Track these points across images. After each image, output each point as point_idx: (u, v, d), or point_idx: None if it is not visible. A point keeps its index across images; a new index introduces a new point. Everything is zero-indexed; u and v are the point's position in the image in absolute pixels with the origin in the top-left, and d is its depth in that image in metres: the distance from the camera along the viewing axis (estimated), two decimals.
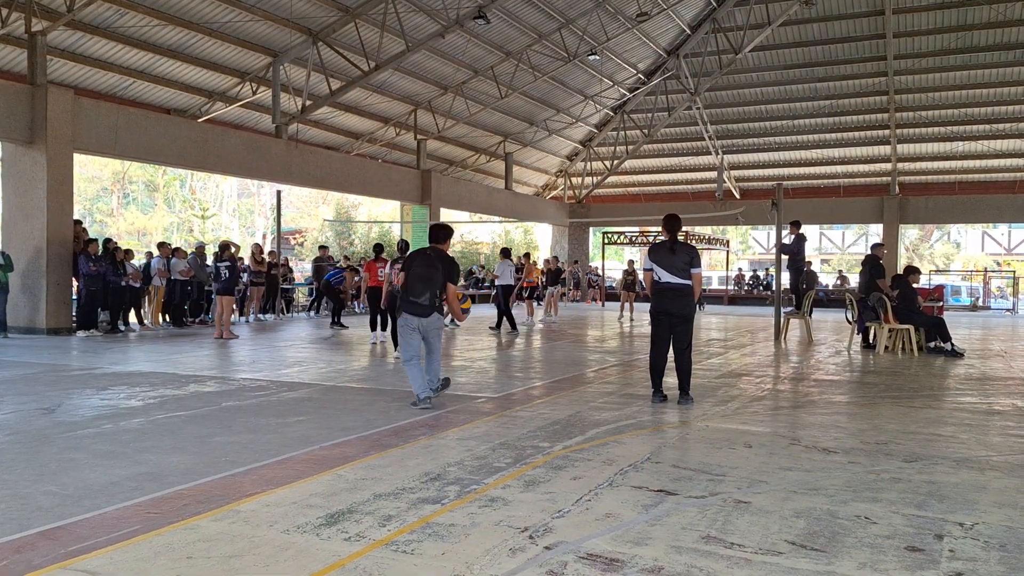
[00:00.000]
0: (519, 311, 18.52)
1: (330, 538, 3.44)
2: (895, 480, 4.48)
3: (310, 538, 3.44)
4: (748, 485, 4.34)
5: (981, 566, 3.16)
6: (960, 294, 32.46)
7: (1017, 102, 22.98)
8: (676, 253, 7.00)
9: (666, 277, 6.96)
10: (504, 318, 15.02)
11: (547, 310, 19.02)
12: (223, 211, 44.31)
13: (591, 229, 33.05)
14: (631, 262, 22.80)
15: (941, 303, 14.04)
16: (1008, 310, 28.53)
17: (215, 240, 28.95)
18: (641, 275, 13.03)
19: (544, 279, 19.44)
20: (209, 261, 16.17)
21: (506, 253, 15.83)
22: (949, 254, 48.42)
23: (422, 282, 6.84)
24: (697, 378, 8.14)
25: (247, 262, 17.51)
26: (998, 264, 44.24)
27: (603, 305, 26.88)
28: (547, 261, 20.78)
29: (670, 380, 7.30)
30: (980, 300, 30.90)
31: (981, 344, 13.92)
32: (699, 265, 7.12)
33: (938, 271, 42.19)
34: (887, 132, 24.99)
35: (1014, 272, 34.47)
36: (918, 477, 4.54)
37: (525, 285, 17.70)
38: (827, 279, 33.04)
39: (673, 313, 6.98)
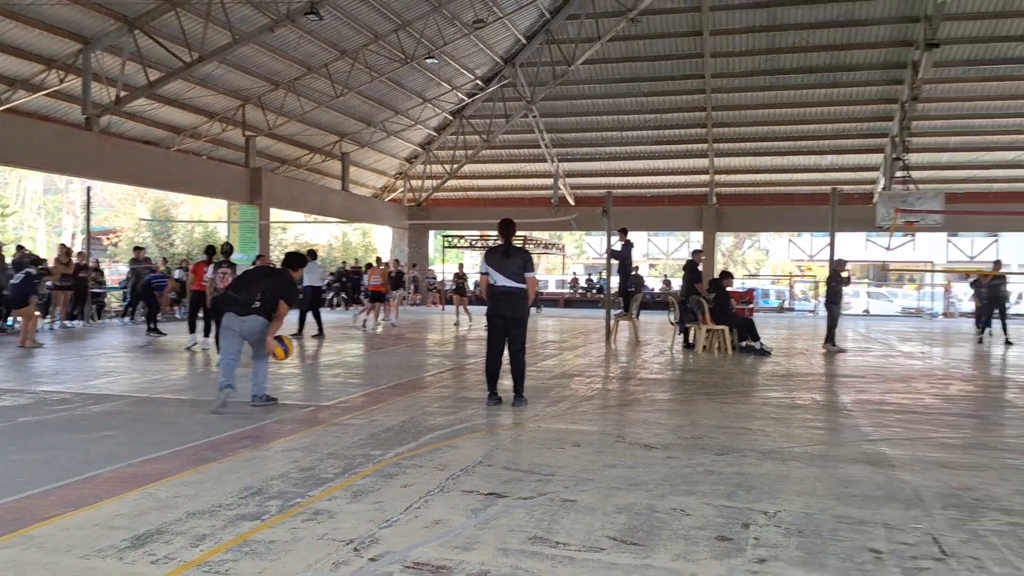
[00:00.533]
0: (360, 315, 18.28)
1: (135, 561, 3.18)
2: (708, 473, 4.74)
3: (112, 562, 3.17)
4: (575, 484, 4.44)
5: (782, 552, 3.39)
6: (769, 297, 35.11)
7: (816, 121, 25.22)
8: (511, 257, 7.10)
9: (501, 281, 7.03)
10: (314, 320, 14.50)
11: (387, 314, 18.80)
12: (26, 209, 40.50)
13: (431, 232, 32.97)
14: (460, 265, 22.94)
15: (751, 305, 15.15)
16: (810, 311, 31.22)
17: (16, 240, 26.33)
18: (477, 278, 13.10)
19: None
20: (9, 261, 14.70)
21: (312, 255, 15.22)
22: (760, 260, 52.40)
23: (249, 284, 6.83)
24: (531, 380, 8.29)
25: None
26: (801, 269, 48.35)
27: (443, 308, 26.91)
28: (387, 264, 20.49)
29: (505, 382, 7.38)
30: (786, 302, 33.61)
31: (787, 343, 15.11)
32: (533, 269, 7.26)
33: (750, 276, 45.56)
34: (705, 146, 26.67)
35: (815, 276, 37.76)
36: (729, 469, 4.83)
37: (372, 289, 17.42)
38: (654, 283, 34.80)
39: (508, 316, 7.07)
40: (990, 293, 16.11)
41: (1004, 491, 4.44)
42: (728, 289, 13.33)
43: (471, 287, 20.33)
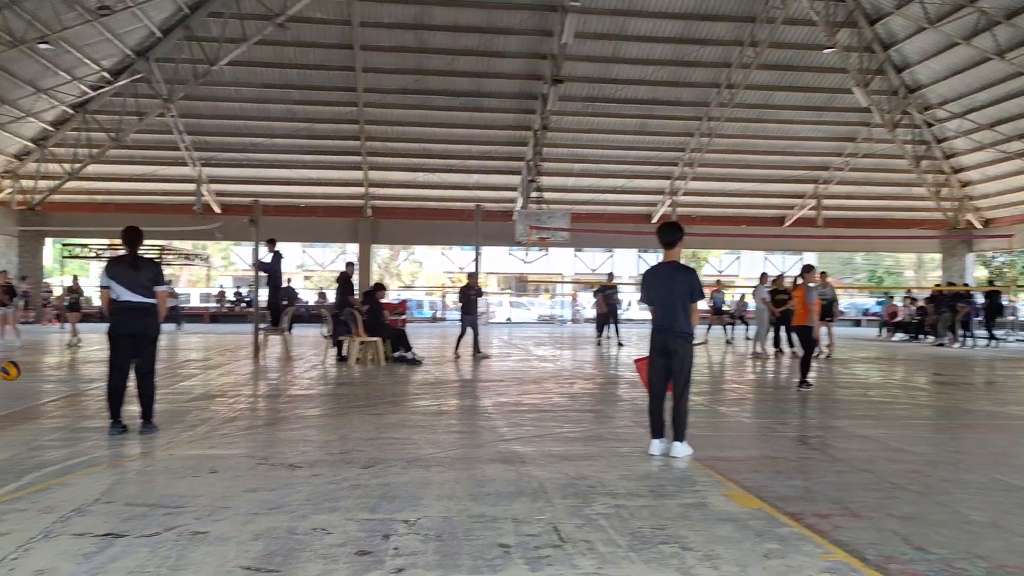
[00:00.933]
0: None
1: None
2: (354, 487, 4.70)
3: None
4: (209, 513, 4.12)
5: (420, 558, 3.46)
6: (423, 308, 36.51)
7: (463, 142, 26.77)
8: (139, 269, 6.45)
9: (126, 295, 6.35)
10: None
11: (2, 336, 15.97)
12: None
13: (48, 240, 28.86)
14: (75, 277, 20.41)
15: (404, 316, 15.54)
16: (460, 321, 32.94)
17: None
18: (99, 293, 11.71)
19: None
20: None
21: None
22: (414, 272, 54.27)
23: None
24: (164, 403, 7.58)
25: None
26: (452, 281, 51.02)
27: (62, 327, 23.66)
28: None
29: (133, 408, 6.66)
30: (439, 312, 35.19)
31: (438, 352, 15.76)
32: (164, 282, 6.66)
33: (406, 287, 46.97)
34: (359, 158, 26.93)
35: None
36: (374, 481, 4.84)
37: None
38: (309, 295, 34.21)
39: (135, 334, 6.40)
40: (606, 301, 18.41)
41: (612, 476, 5.02)
42: (381, 301, 13.53)
43: (95, 302, 18.04)
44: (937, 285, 25.35)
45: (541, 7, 21.67)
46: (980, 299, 19.93)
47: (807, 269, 10.34)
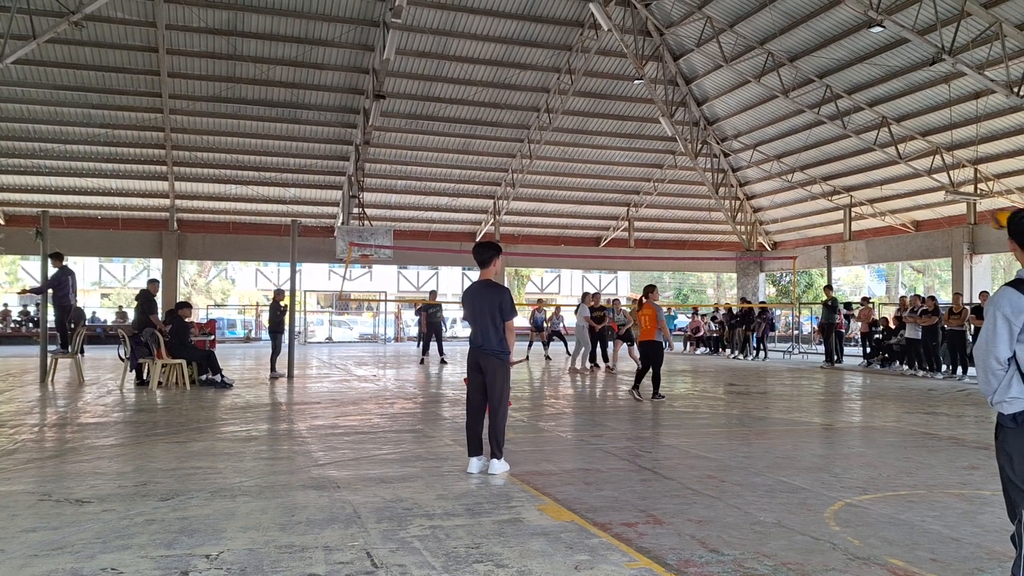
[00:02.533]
0: None
1: None
2: (149, 522, 4.35)
3: None
4: None
5: None
6: (236, 327, 34.79)
7: (279, 154, 25.85)
8: None
9: None
10: None
11: None
12: None
13: None
14: None
15: (213, 336, 14.71)
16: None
17: None
18: None
19: None
20: None
21: None
22: (226, 289, 51.61)
23: None
24: None
25: None
26: (268, 299, 49.03)
27: None
28: None
29: None
30: (253, 332, 33.67)
31: (252, 373, 15.04)
32: None
33: (217, 305, 44.56)
34: (165, 168, 25.28)
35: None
36: (172, 515, 4.51)
37: None
38: (107, 314, 31.63)
39: None
40: (428, 319, 18.37)
41: (429, 497, 4.98)
42: (187, 320, 12.73)
43: None
44: (745, 301, 27.47)
45: (362, 21, 21.42)
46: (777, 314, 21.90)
47: (650, 288, 11.09)
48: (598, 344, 16.54)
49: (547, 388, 12.95)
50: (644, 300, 11.10)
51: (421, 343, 19.22)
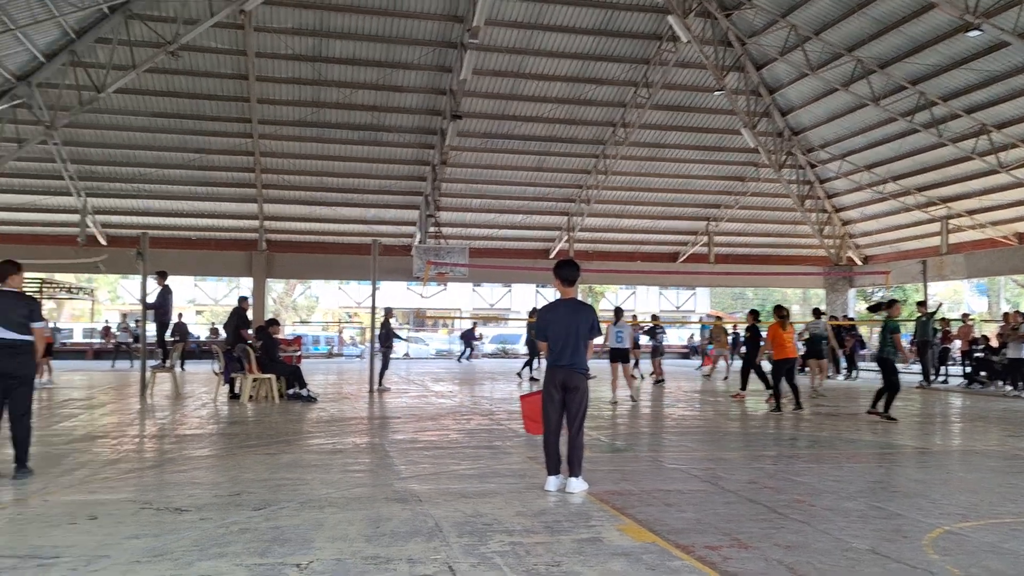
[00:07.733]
0: None
1: None
2: (243, 531, 4.53)
3: None
4: (86, 563, 3.89)
5: None
6: (320, 343, 35.73)
7: (361, 176, 26.53)
8: (11, 304, 6.09)
9: None
10: None
11: None
12: None
13: None
14: None
15: (299, 352, 15.18)
16: (358, 356, 32.51)
17: None
18: None
19: None
20: None
21: None
22: (310, 306, 53.09)
23: None
24: (40, 445, 7.12)
25: None
26: (349, 316, 50.21)
27: None
28: None
29: (5, 451, 6.23)
30: (335, 348, 34.51)
31: (334, 388, 15.44)
32: (41, 318, 6.31)
33: (302, 322, 45.89)
34: (254, 191, 26.27)
35: (362, 323, 39.51)
36: (265, 524, 4.68)
37: None
38: (201, 331, 32.94)
39: (8, 374, 6.03)
40: (528, 336, 18.43)
41: (508, 513, 5.02)
42: (275, 336, 13.18)
43: None
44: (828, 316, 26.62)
45: (440, 44, 21.87)
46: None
47: (780, 308, 12.02)
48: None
49: (623, 407, 12.85)
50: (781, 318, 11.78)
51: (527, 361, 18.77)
